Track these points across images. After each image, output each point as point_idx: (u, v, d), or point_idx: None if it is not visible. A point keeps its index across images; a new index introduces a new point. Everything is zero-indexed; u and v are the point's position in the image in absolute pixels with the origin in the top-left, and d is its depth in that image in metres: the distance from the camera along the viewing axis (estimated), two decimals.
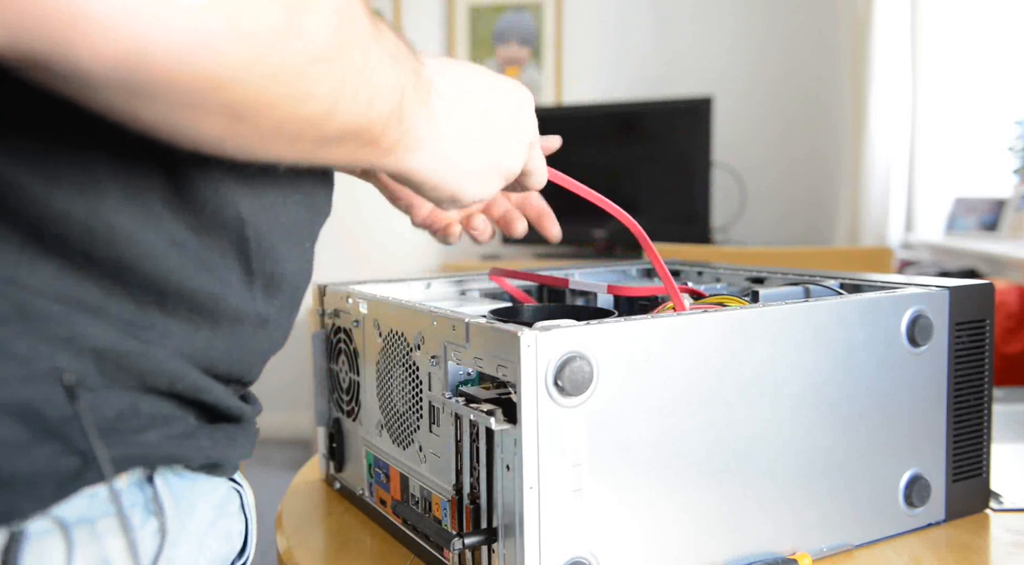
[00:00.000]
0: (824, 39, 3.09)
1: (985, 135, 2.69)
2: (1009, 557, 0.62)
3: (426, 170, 0.52)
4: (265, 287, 0.50)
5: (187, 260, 0.44)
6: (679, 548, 0.54)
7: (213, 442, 0.48)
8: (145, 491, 0.44)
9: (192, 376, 0.46)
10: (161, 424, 0.45)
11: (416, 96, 0.48)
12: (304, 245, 0.54)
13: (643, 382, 0.52)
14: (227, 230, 0.46)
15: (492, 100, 0.56)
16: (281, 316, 0.52)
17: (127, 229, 0.42)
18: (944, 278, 0.69)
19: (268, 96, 0.36)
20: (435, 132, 0.51)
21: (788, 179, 3.15)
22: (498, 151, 0.57)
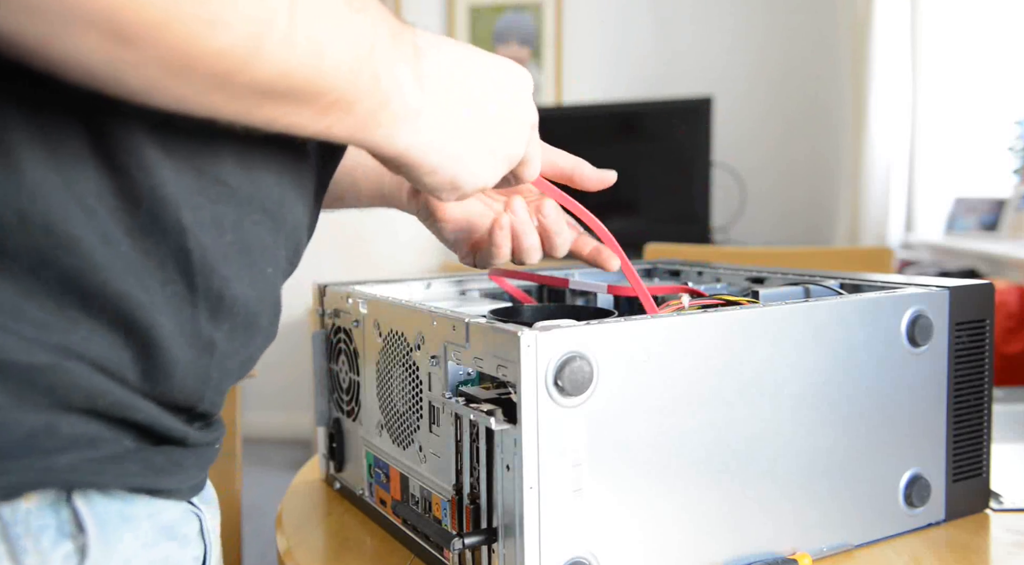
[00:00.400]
0: (824, 39, 3.08)
1: (985, 135, 2.69)
2: (1009, 557, 0.62)
3: (422, 148, 0.48)
4: (212, 309, 0.45)
5: (117, 261, 0.40)
6: (679, 548, 0.54)
7: (147, 466, 0.44)
8: (60, 512, 0.41)
9: (116, 393, 0.42)
10: (84, 446, 0.41)
11: (397, 56, 0.44)
12: (265, 270, 0.49)
13: (643, 382, 0.52)
14: (166, 238, 0.42)
15: (491, 77, 0.52)
16: (233, 344, 0.47)
17: (48, 218, 0.38)
18: (944, 278, 0.69)
19: (148, 12, 0.32)
20: (430, 103, 0.47)
21: (788, 179, 3.15)
22: (501, 131, 0.52)
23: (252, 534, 2.15)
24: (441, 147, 0.49)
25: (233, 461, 0.97)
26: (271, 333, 0.52)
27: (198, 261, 0.43)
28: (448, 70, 0.49)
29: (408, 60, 0.45)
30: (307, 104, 0.41)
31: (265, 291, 0.49)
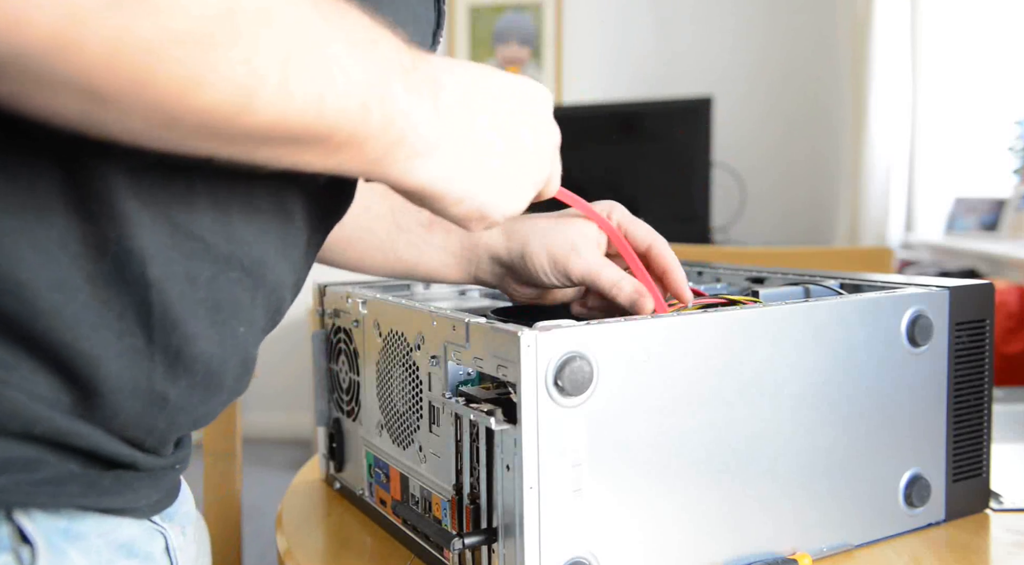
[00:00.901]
0: (824, 39, 3.08)
1: (985, 135, 2.69)
2: (1009, 557, 0.62)
3: (443, 180, 0.46)
4: (169, 365, 0.43)
5: (68, 308, 0.39)
6: (679, 548, 0.54)
7: (91, 488, 0.43)
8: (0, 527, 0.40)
9: (56, 421, 0.40)
10: (20, 469, 0.40)
11: (412, 94, 0.43)
12: (237, 329, 0.47)
13: (643, 382, 0.52)
14: (129, 289, 0.41)
15: (512, 100, 0.50)
16: (189, 399, 0.46)
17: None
18: (944, 278, 0.69)
19: (120, 77, 0.31)
20: (448, 134, 0.46)
21: (788, 179, 3.15)
22: (525, 155, 0.51)
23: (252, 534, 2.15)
24: (465, 177, 0.48)
25: (233, 461, 0.97)
26: (237, 389, 0.50)
27: (159, 316, 0.42)
28: (468, 99, 0.47)
29: (424, 93, 0.44)
30: (312, 146, 0.39)
31: (233, 350, 0.47)
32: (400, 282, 0.80)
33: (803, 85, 3.12)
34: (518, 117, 0.50)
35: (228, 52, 0.33)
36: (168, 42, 0.31)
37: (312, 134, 0.38)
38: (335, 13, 0.38)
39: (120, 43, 0.30)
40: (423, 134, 0.44)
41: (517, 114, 0.50)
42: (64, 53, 0.30)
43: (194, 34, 0.32)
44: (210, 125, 0.35)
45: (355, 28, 0.40)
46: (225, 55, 0.33)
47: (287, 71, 0.35)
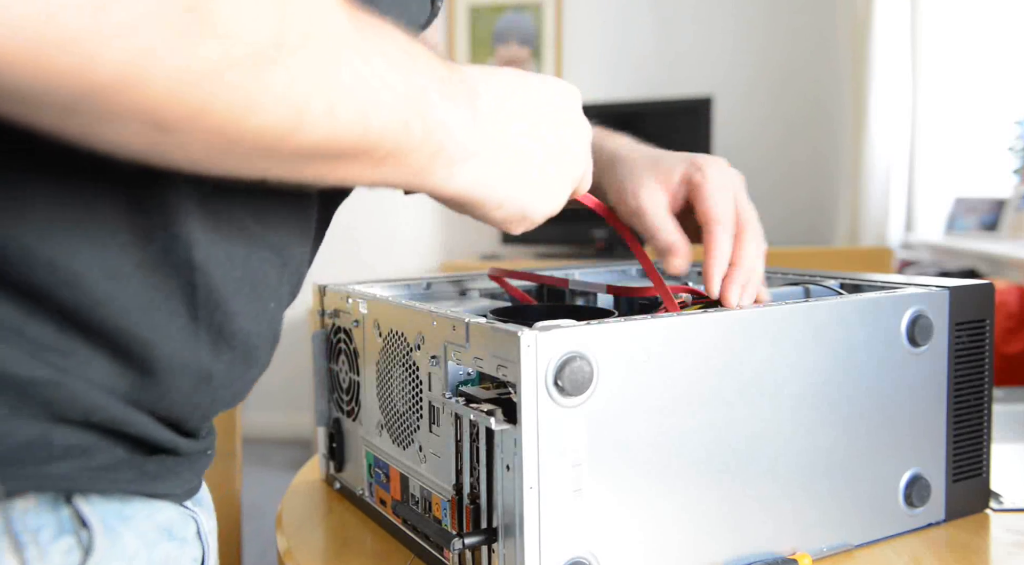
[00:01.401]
0: (824, 39, 3.09)
1: (985, 135, 2.69)
2: (1009, 557, 0.62)
3: (484, 186, 0.48)
4: (212, 341, 0.45)
5: (121, 295, 0.41)
6: (679, 548, 0.54)
7: (141, 474, 0.45)
8: (59, 511, 0.42)
9: (111, 409, 0.42)
10: (77, 455, 0.42)
11: (449, 104, 0.44)
12: (268, 305, 0.49)
13: (643, 382, 0.52)
14: (176, 273, 0.43)
15: (544, 100, 0.51)
16: (231, 374, 0.48)
17: (48, 255, 0.38)
18: (944, 278, 0.69)
19: (185, 104, 0.32)
20: (487, 141, 0.47)
21: (788, 179, 3.15)
22: (562, 154, 0.52)
23: (252, 534, 2.15)
24: (505, 182, 0.49)
25: (233, 461, 0.97)
26: (266, 364, 0.52)
27: (203, 296, 0.44)
28: (504, 105, 0.48)
29: (462, 103, 0.45)
30: (357, 160, 0.40)
31: (267, 325, 0.49)
32: (400, 282, 0.80)
33: (803, 85, 3.12)
34: (552, 118, 0.51)
35: (279, 74, 0.34)
36: (226, 69, 0.32)
37: (358, 149, 0.40)
38: (372, 30, 0.40)
39: (183, 73, 0.31)
40: (462, 142, 0.45)
41: (551, 115, 0.51)
42: (134, 87, 0.31)
43: (249, 59, 0.33)
44: (263, 146, 0.36)
45: (392, 44, 0.41)
46: (276, 77, 0.34)
47: (334, 89, 0.37)
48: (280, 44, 0.34)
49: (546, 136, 0.51)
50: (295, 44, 0.35)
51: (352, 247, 3.27)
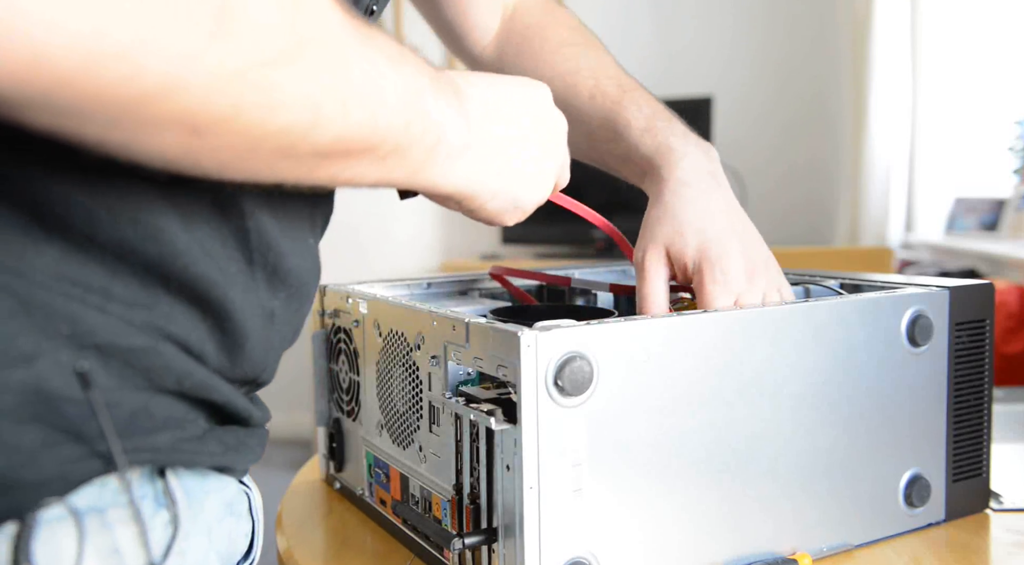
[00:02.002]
0: (824, 39, 3.09)
1: (985, 135, 2.69)
2: (1009, 557, 0.62)
3: (479, 177, 0.51)
4: (268, 280, 0.48)
5: (193, 245, 0.43)
6: (679, 548, 0.54)
7: (223, 446, 0.47)
8: (155, 484, 0.44)
9: (200, 373, 0.45)
10: (174, 426, 0.44)
11: (441, 99, 0.46)
12: (308, 241, 0.53)
13: (643, 382, 0.52)
14: (230, 219, 0.45)
15: (519, 97, 0.54)
16: (288, 311, 0.51)
17: (131, 212, 0.41)
18: (944, 278, 0.69)
19: (218, 106, 0.34)
20: (477, 136, 0.50)
21: (788, 179, 3.15)
22: (543, 144, 0.55)
23: None
24: (496, 173, 0.52)
25: None
26: (313, 299, 0.55)
27: (255, 239, 0.47)
28: (487, 101, 0.51)
29: (451, 100, 0.48)
30: (364, 157, 0.43)
31: (311, 260, 0.53)
32: (400, 282, 0.80)
33: (803, 85, 3.12)
34: (529, 113, 0.54)
35: (297, 74, 0.36)
36: (251, 69, 0.34)
37: (366, 146, 0.42)
38: (368, 35, 0.42)
39: (216, 75, 0.33)
40: (457, 137, 0.48)
41: (528, 110, 0.54)
42: (174, 92, 0.33)
43: (271, 59, 0.35)
44: (285, 146, 0.38)
45: (387, 46, 0.43)
46: (295, 77, 0.36)
47: (345, 89, 0.39)
48: (296, 44, 0.36)
49: (527, 130, 0.54)
50: (308, 45, 0.37)
51: (352, 247, 3.27)
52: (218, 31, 0.32)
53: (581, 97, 0.74)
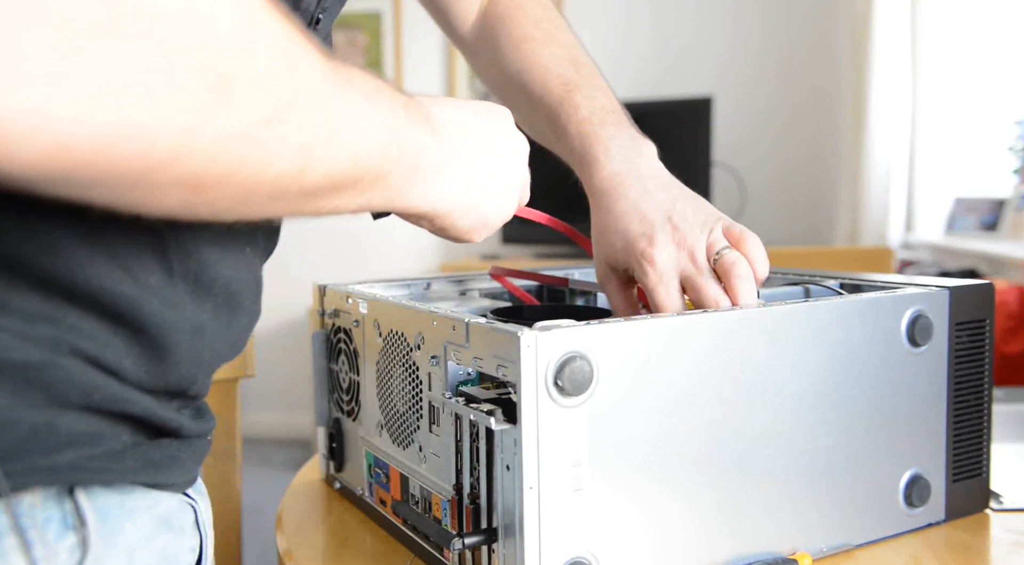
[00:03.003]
0: (824, 39, 3.08)
1: (985, 135, 2.69)
2: (1009, 557, 0.62)
3: (452, 198, 0.53)
4: (191, 291, 0.47)
5: (97, 257, 0.42)
6: (679, 548, 0.54)
7: (144, 461, 0.45)
8: (64, 504, 0.42)
9: (111, 387, 0.43)
10: (85, 443, 0.42)
11: (415, 126, 0.48)
12: (244, 250, 0.51)
13: (643, 382, 0.52)
14: (141, 227, 0.43)
15: (484, 120, 0.57)
16: (218, 324, 0.49)
17: (24, 224, 0.40)
18: (944, 278, 0.69)
19: (220, 166, 0.36)
20: (449, 157, 0.52)
21: (788, 179, 3.15)
22: (508, 165, 0.57)
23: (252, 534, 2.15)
24: (466, 192, 0.54)
25: (233, 461, 0.97)
26: (255, 311, 0.54)
27: (173, 246, 0.46)
28: (455, 123, 0.54)
29: (424, 125, 0.50)
30: (348, 190, 0.44)
31: (247, 270, 0.52)
32: (400, 282, 0.80)
33: (803, 85, 3.12)
34: (494, 133, 0.57)
35: (290, 126, 0.38)
36: (250, 129, 0.36)
37: (351, 179, 0.44)
38: (346, 75, 0.43)
39: (218, 141, 0.35)
40: (431, 160, 0.50)
41: (492, 131, 0.57)
42: (181, 161, 0.34)
43: (267, 117, 0.37)
44: (277, 191, 0.40)
45: (363, 82, 0.45)
46: (288, 129, 0.38)
47: (331, 132, 0.41)
48: (289, 102, 0.38)
49: (492, 149, 0.56)
50: (299, 100, 0.38)
51: (352, 247, 3.27)
52: (220, 99, 0.34)
53: (532, 96, 0.75)
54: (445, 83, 3.33)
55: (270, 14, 0.37)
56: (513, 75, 0.77)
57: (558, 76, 0.75)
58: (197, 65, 0.33)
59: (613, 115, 0.72)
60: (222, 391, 0.93)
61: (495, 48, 0.79)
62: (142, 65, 0.31)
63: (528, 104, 0.76)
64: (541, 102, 0.74)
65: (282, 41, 0.38)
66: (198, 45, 0.33)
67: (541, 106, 0.75)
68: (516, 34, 0.78)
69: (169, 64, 0.32)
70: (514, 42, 0.78)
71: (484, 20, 0.81)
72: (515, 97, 0.78)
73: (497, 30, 0.79)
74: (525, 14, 0.79)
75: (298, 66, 0.39)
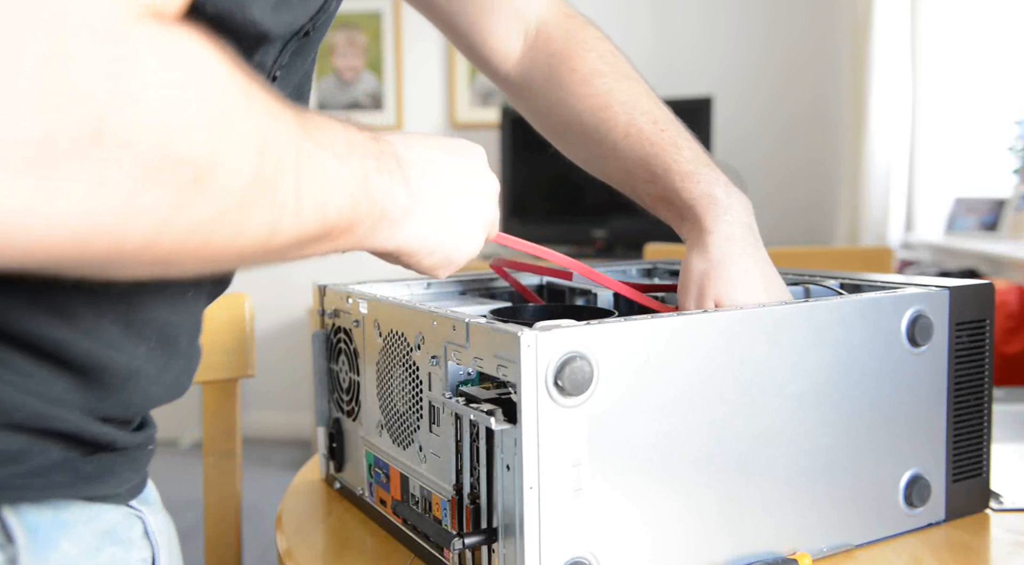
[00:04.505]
0: (824, 39, 3.08)
1: (985, 135, 2.69)
2: (1009, 557, 0.62)
3: (419, 238, 0.53)
4: (123, 333, 0.47)
5: (17, 300, 0.42)
6: (679, 548, 0.54)
7: (75, 476, 0.45)
8: None
9: (33, 405, 0.43)
10: (7, 462, 0.42)
11: (385, 175, 0.49)
12: (185, 293, 0.51)
13: (643, 382, 0.52)
14: None
15: (455, 158, 0.57)
16: (154, 367, 0.49)
17: None
18: (944, 278, 0.69)
19: (189, 246, 0.37)
20: (418, 200, 0.52)
21: (788, 179, 3.15)
22: (475, 204, 0.58)
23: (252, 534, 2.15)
24: (432, 231, 0.54)
25: (233, 461, 0.97)
26: (192, 354, 0.54)
27: (101, 289, 0.45)
28: (426, 166, 0.54)
29: (394, 172, 0.50)
30: (317, 243, 0.45)
31: (184, 314, 0.52)
32: (400, 282, 0.80)
33: (803, 85, 3.12)
34: (463, 173, 0.57)
35: (261, 205, 0.39)
36: (222, 215, 0.37)
37: (318, 236, 0.44)
38: (318, 130, 0.44)
39: (191, 227, 0.36)
40: (399, 204, 0.51)
41: (462, 171, 0.57)
42: (151, 247, 0.35)
43: (240, 202, 0.38)
44: (244, 256, 0.41)
45: (334, 137, 0.45)
46: (259, 208, 0.39)
47: (300, 199, 0.41)
48: (258, 181, 0.38)
49: (460, 189, 0.56)
50: (269, 176, 0.39)
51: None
52: (192, 195, 0.35)
53: (615, 133, 0.72)
54: (445, 83, 3.33)
55: (243, 90, 0.38)
56: (586, 112, 0.74)
57: (644, 113, 0.72)
58: (170, 170, 0.34)
59: (712, 161, 0.72)
60: (222, 391, 0.93)
61: (559, 85, 0.75)
62: (117, 175, 0.32)
63: (607, 142, 0.73)
64: (628, 141, 0.72)
65: (255, 122, 0.38)
66: (173, 154, 0.34)
67: (629, 144, 0.72)
68: (584, 68, 0.75)
69: (143, 173, 0.33)
70: (581, 78, 0.74)
71: (535, 57, 0.77)
72: (587, 136, 0.75)
73: (557, 67, 0.75)
74: (586, 48, 0.76)
75: (270, 146, 0.39)
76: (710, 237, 0.67)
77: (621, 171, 0.74)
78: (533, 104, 0.79)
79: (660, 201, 0.72)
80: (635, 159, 0.72)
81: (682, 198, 0.69)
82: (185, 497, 1.17)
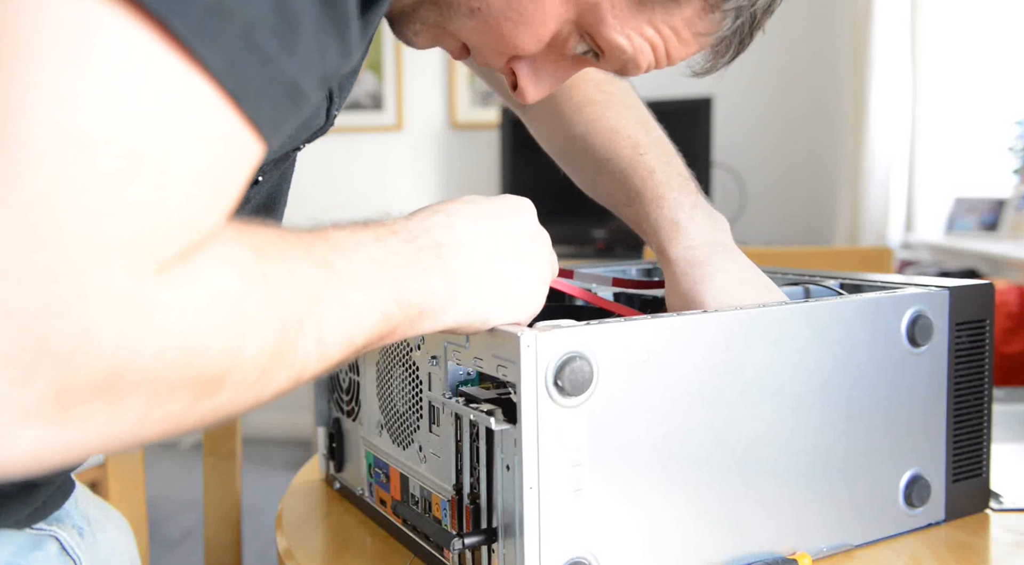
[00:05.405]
0: (824, 39, 3.08)
1: (985, 135, 2.69)
2: (1009, 557, 0.62)
3: (467, 314, 0.50)
4: None
5: None
6: (679, 548, 0.54)
7: None
8: None
9: None
10: None
11: (420, 276, 0.47)
12: None
13: (643, 382, 0.52)
14: None
15: (505, 221, 0.54)
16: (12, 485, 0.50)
17: None
18: (944, 278, 0.69)
19: (208, 422, 0.37)
20: (460, 284, 0.49)
21: (788, 179, 3.15)
22: (531, 262, 0.54)
23: (252, 534, 2.15)
24: (487, 306, 0.51)
25: (233, 461, 0.97)
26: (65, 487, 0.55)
27: None
28: (468, 243, 0.50)
29: (430, 267, 0.48)
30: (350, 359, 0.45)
31: None
32: None
33: (803, 85, 3.12)
34: (514, 234, 0.54)
35: (281, 370, 0.39)
36: (239, 393, 0.38)
37: (349, 357, 0.44)
38: (341, 257, 0.43)
39: (207, 414, 0.37)
40: (439, 297, 0.48)
41: (512, 233, 0.53)
42: (166, 435, 0.36)
43: (257, 379, 0.38)
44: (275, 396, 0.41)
45: (358, 260, 0.44)
46: (280, 372, 0.39)
47: (324, 344, 0.41)
48: (280, 354, 0.39)
49: (510, 253, 0.53)
50: (291, 344, 0.39)
51: None
52: (208, 395, 0.36)
53: (597, 159, 0.74)
54: (445, 83, 3.33)
55: (261, 280, 0.37)
56: (577, 138, 0.75)
57: (627, 138, 0.73)
58: (187, 388, 0.34)
59: (689, 183, 0.72)
60: None
61: (557, 113, 0.77)
62: (133, 403, 0.33)
63: (594, 166, 0.74)
64: (608, 165, 0.73)
65: (274, 309, 0.38)
66: (189, 375, 0.34)
67: (609, 169, 0.73)
68: (577, 97, 0.76)
69: (158, 395, 0.33)
70: (576, 105, 0.76)
71: None
72: (579, 160, 0.76)
73: (557, 95, 0.77)
74: (587, 78, 0.77)
75: (287, 320, 0.39)
76: (673, 266, 0.68)
77: (606, 194, 0.75)
78: (536, 128, 0.82)
79: (636, 225, 0.73)
80: (615, 184, 0.73)
81: (649, 222, 0.70)
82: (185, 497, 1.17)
